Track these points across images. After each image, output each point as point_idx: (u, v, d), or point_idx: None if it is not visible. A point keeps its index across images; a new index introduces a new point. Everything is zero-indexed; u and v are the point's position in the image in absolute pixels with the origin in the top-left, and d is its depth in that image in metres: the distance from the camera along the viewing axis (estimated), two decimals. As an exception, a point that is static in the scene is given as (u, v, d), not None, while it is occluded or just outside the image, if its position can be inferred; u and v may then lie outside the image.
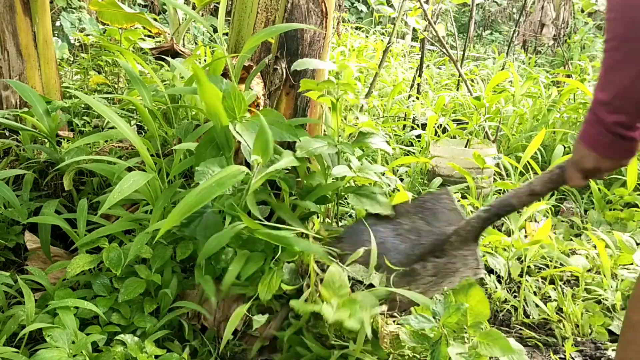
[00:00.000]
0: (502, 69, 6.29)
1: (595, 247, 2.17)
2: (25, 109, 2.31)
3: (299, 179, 1.90)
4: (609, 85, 1.07)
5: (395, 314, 1.70)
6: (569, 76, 4.96)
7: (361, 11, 13.42)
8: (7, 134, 2.43)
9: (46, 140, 2.19)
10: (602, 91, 1.09)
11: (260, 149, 1.51)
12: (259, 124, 1.62)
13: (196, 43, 6.56)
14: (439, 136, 3.46)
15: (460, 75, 3.86)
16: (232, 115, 1.64)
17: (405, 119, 4.06)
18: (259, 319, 1.52)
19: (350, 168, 1.77)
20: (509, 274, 2.09)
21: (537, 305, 1.97)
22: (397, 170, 3.05)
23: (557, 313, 1.94)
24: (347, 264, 1.58)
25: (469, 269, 1.52)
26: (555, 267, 2.15)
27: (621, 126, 1.08)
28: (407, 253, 1.64)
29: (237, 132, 1.61)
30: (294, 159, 1.66)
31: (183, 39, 5.08)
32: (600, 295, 2.01)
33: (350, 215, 2.44)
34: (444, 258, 1.58)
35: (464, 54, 5.26)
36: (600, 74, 1.10)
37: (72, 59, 4.38)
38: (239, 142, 1.67)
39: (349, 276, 1.52)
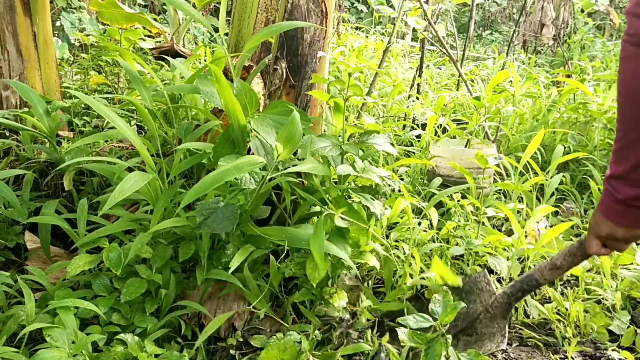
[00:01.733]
0: (502, 69, 6.28)
1: (595, 247, 2.17)
2: (26, 109, 2.31)
3: (301, 179, 1.90)
4: (622, 161, 1.12)
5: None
6: (568, 76, 4.95)
7: (361, 11, 13.42)
8: (7, 134, 2.44)
9: (46, 140, 2.19)
10: (616, 165, 1.14)
11: (285, 138, 1.52)
12: (271, 118, 1.64)
13: (196, 43, 6.57)
14: (439, 136, 3.46)
15: (460, 75, 3.86)
16: (246, 113, 1.65)
17: (405, 119, 4.06)
18: None
19: (355, 169, 1.77)
20: (510, 274, 2.09)
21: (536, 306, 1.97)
22: (397, 170, 3.05)
23: (557, 313, 1.94)
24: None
25: (494, 343, 1.59)
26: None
27: (633, 199, 1.13)
28: None
29: (254, 129, 1.62)
30: (319, 166, 1.67)
31: (183, 39, 5.08)
32: (600, 295, 2.01)
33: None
34: (474, 336, 1.63)
35: (464, 54, 5.26)
36: (614, 149, 1.16)
37: (72, 59, 4.38)
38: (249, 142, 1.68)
39: None
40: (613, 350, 1.79)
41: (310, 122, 1.77)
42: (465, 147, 3.06)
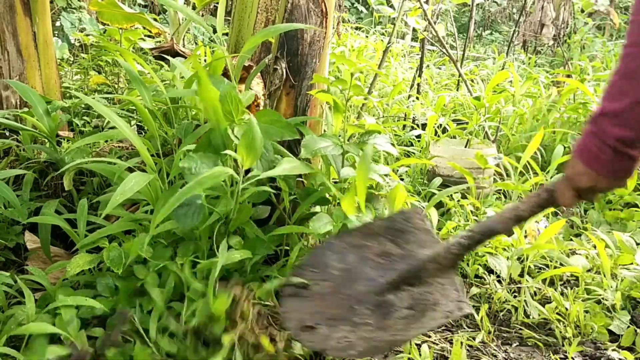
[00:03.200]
0: (502, 69, 6.29)
1: (595, 247, 2.17)
2: (26, 109, 2.31)
3: (300, 179, 1.90)
4: (620, 95, 0.96)
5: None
6: (568, 76, 4.95)
7: (361, 11, 13.42)
8: (7, 134, 2.43)
9: (46, 140, 2.19)
10: (611, 101, 0.97)
11: (245, 148, 1.48)
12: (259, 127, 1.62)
13: (196, 43, 6.57)
14: (439, 136, 3.46)
15: (460, 75, 3.86)
16: (230, 119, 1.63)
17: (405, 119, 4.06)
18: None
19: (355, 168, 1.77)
20: (509, 274, 2.09)
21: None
22: (397, 171, 3.05)
23: (557, 313, 1.94)
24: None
25: (451, 302, 1.33)
26: (555, 267, 2.15)
27: (624, 143, 0.97)
28: (378, 281, 1.42)
29: (235, 135, 1.60)
30: (298, 165, 1.63)
31: (183, 39, 5.08)
32: (600, 295, 2.01)
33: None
34: (419, 287, 1.38)
35: (463, 54, 5.26)
36: (611, 82, 0.99)
37: (72, 59, 4.39)
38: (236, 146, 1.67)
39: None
40: (613, 350, 1.79)
41: (292, 132, 1.70)
42: (465, 147, 3.06)
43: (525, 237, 2.32)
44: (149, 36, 4.25)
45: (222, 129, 1.60)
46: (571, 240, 2.43)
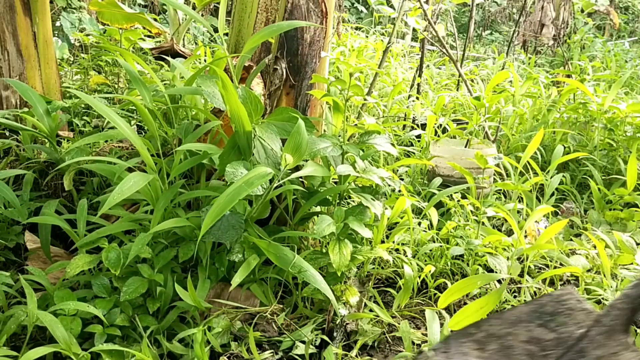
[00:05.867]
0: (502, 69, 6.29)
1: (595, 247, 2.17)
2: (26, 109, 2.31)
3: (301, 179, 1.90)
4: None
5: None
6: (568, 76, 4.96)
7: (361, 11, 13.43)
8: (7, 134, 2.43)
9: (46, 140, 2.19)
10: None
11: (292, 148, 1.53)
12: (275, 124, 1.65)
13: (196, 43, 6.57)
14: (439, 136, 3.46)
15: (460, 75, 3.86)
16: (250, 119, 1.66)
17: (405, 119, 4.06)
18: None
19: (355, 169, 1.77)
20: (510, 274, 2.09)
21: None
22: (397, 171, 3.06)
23: (557, 313, 1.94)
24: None
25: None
26: (555, 267, 2.15)
27: None
28: None
29: (259, 136, 1.63)
30: (319, 168, 1.67)
31: (183, 39, 5.08)
32: (600, 295, 2.01)
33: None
34: None
35: (463, 54, 5.26)
36: None
37: (72, 59, 4.39)
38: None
39: None
40: (613, 350, 1.79)
41: (314, 128, 1.77)
42: (465, 147, 3.06)
43: (525, 237, 2.32)
44: (149, 36, 4.25)
45: (247, 130, 1.62)
46: (571, 240, 2.43)
